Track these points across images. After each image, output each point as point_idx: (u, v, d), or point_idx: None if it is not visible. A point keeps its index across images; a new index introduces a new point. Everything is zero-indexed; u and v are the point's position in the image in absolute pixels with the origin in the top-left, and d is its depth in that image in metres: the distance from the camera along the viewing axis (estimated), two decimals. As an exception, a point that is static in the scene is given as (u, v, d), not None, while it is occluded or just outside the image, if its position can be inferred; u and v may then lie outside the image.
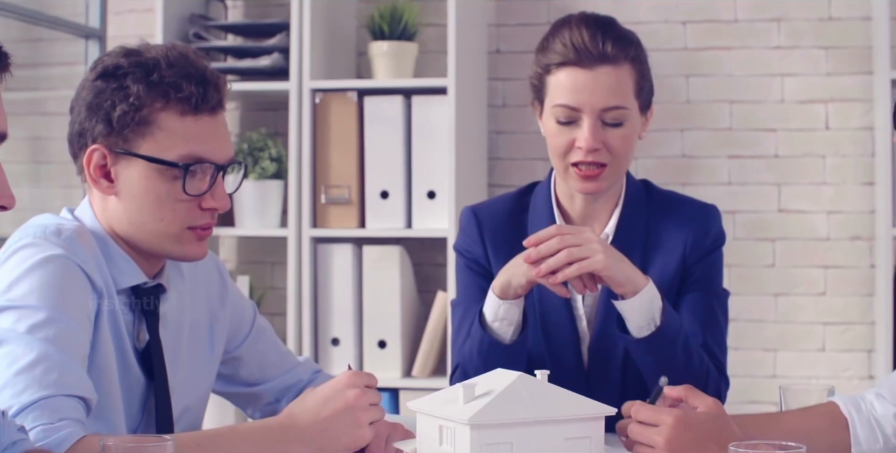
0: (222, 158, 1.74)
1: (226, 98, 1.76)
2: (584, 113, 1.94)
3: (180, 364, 1.84)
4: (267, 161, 3.42)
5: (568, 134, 1.96)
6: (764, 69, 3.48)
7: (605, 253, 1.85)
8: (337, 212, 3.33)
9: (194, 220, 1.74)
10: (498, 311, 1.95)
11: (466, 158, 3.37)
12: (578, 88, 1.94)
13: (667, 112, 3.46)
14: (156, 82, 1.70)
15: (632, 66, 1.96)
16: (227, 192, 1.77)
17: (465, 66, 3.35)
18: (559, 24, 2.02)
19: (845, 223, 3.43)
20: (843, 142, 3.44)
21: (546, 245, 1.86)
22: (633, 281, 1.87)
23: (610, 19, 2.02)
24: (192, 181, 1.71)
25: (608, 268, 1.85)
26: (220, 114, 1.75)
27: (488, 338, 1.94)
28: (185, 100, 1.70)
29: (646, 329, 1.88)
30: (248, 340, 2.00)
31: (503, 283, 1.93)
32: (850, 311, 3.42)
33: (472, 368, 1.96)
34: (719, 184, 3.49)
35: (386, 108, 3.32)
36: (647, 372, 1.93)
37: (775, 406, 3.31)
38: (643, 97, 2.00)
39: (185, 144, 1.70)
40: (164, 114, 1.69)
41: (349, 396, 1.55)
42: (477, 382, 1.54)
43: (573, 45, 1.94)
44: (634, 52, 1.98)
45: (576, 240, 1.86)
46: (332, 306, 3.35)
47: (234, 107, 3.78)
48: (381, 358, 3.31)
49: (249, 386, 2.01)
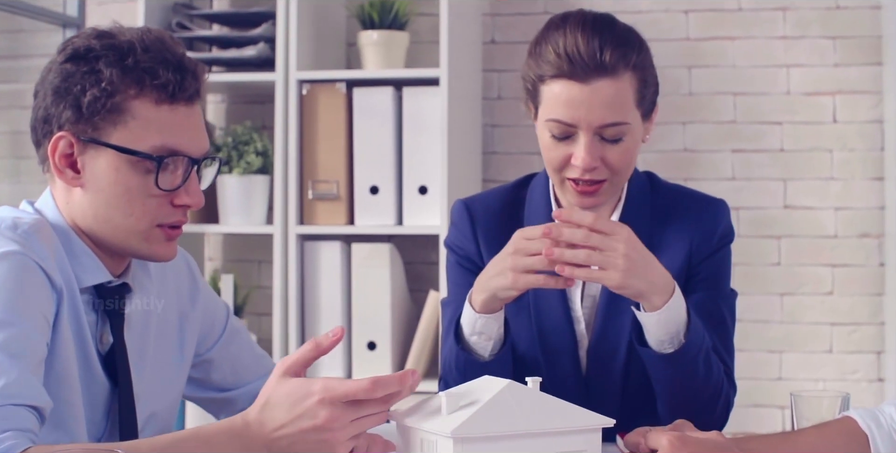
0: (198, 151, 1.65)
1: (203, 87, 1.67)
2: (581, 129, 1.81)
3: (147, 368, 1.74)
4: (252, 155, 3.34)
5: (563, 149, 1.83)
6: (769, 60, 3.44)
7: (626, 270, 1.71)
8: (324, 209, 3.26)
9: (165, 217, 1.65)
10: (475, 325, 1.84)
11: (460, 152, 3.29)
12: (573, 104, 1.79)
13: (668, 104, 3.42)
14: (130, 67, 1.60)
15: (633, 75, 1.81)
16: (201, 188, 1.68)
17: (459, 56, 3.28)
18: (553, 25, 1.85)
19: (853, 220, 3.38)
20: (852, 136, 3.39)
21: (571, 233, 1.72)
22: (651, 298, 1.74)
23: (608, 20, 1.85)
24: (164, 175, 1.62)
25: (622, 287, 1.73)
26: (196, 104, 1.66)
27: (464, 355, 1.85)
28: (161, 87, 1.61)
29: (667, 343, 1.78)
30: (220, 342, 1.91)
31: (487, 299, 1.81)
32: (859, 311, 3.38)
33: (451, 381, 1.87)
34: (722, 179, 3.44)
35: (376, 99, 3.25)
36: (662, 385, 1.83)
37: (780, 409, 3.43)
38: (645, 105, 1.85)
39: (159, 135, 1.61)
40: (137, 102, 1.60)
41: (320, 418, 1.40)
42: (462, 390, 1.42)
43: (567, 55, 1.78)
44: (636, 57, 1.82)
45: (602, 244, 1.71)
46: (320, 306, 3.28)
47: (220, 100, 3.71)
48: (370, 360, 3.24)
49: (222, 392, 1.92)
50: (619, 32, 1.82)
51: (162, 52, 1.62)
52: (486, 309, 1.82)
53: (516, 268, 1.75)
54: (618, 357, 1.91)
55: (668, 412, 1.84)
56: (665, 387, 1.82)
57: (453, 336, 1.85)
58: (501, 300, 1.80)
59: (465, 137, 3.35)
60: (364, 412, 1.40)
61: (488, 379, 1.45)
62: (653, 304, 1.75)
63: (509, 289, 1.77)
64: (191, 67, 1.64)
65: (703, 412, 1.84)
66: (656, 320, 1.75)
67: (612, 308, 1.90)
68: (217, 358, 1.90)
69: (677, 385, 1.80)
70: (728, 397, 1.91)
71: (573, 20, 1.83)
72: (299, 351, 1.46)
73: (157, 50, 1.62)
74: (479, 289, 1.81)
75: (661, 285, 1.74)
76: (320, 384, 1.40)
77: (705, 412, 1.85)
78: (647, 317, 1.76)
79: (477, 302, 1.82)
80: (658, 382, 1.82)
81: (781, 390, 3.37)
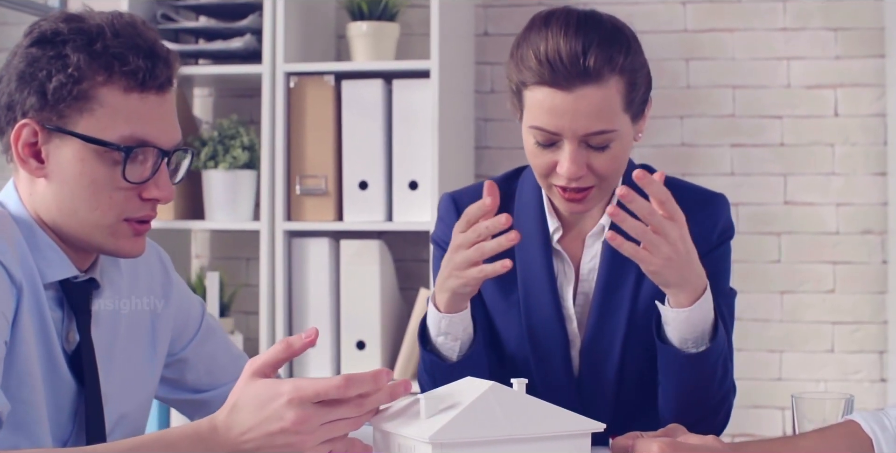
0: (168, 143, 1.59)
1: (175, 76, 1.61)
2: (565, 137, 1.72)
3: (116, 367, 1.67)
4: (238, 150, 3.27)
5: (548, 156, 1.74)
6: (769, 52, 3.39)
7: (669, 258, 1.64)
8: (312, 204, 3.20)
9: (132, 211, 1.58)
10: (440, 326, 1.78)
11: (451, 147, 3.24)
12: (556, 112, 1.70)
13: (666, 98, 3.38)
14: (99, 52, 1.54)
15: (620, 78, 1.71)
16: (171, 182, 1.61)
17: (450, 48, 3.22)
18: (535, 26, 1.75)
19: (856, 216, 3.34)
20: (854, 130, 3.35)
21: (640, 204, 1.63)
22: (679, 294, 1.68)
23: (594, 19, 1.74)
24: (133, 166, 1.56)
25: (657, 274, 1.66)
26: (168, 93, 1.60)
27: (429, 358, 1.79)
28: (131, 74, 1.54)
29: (691, 342, 1.72)
30: (195, 341, 1.85)
31: (449, 298, 1.74)
32: (861, 310, 3.34)
33: (425, 385, 1.82)
34: (721, 174, 3.40)
35: (365, 92, 3.20)
36: (674, 386, 1.76)
37: (780, 410, 3.38)
38: (634, 107, 1.76)
39: (128, 124, 1.55)
40: (106, 89, 1.54)
41: (287, 420, 1.32)
42: (442, 393, 1.34)
43: (549, 60, 1.69)
44: (623, 59, 1.71)
45: (660, 226, 1.64)
46: (308, 304, 3.22)
47: (207, 93, 3.66)
48: (359, 359, 3.18)
49: (197, 393, 1.86)
50: (606, 33, 1.72)
51: (133, 37, 1.56)
52: (451, 308, 1.76)
53: (459, 266, 1.69)
54: (611, 357, 1.85)
55: (672, 413, 1.78)
56: (678, 388, 1.76)
57: (418, 338, 1.80)
58: (463, 296, 1.74)
59: (456, 131, 3.30)
60: (336, 414, 1.33)
61: (470, 381, 1.37)
62: (678, 300, 1.69)
63: (464, 287, 1.71)
64: (163, 54, 1.58)
65: (709, 416, 1.80)
66: (686, 317, 1.69)
67: (606, 306, 1.84)
68: (191, 358, 1.85)
69: (692, 387, 1.75)
70: (731, 402, 1.86)
71: (556, 20, 1.73)
72: (269, 351, 1.39)
73: (127, 35, 1.56)
74: (439, 289, 1.75)
75: (693, 282, 1.68)
76: (290, 384, 1.33)
77: (710, 416, 1.80)
78: (674, 312, 1.70)
79: (440, 302, 1.76)
80: (671, 382, 1.76)
81: (781, 391, 3.34)
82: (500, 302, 1.87)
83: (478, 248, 1.67)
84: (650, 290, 1.81)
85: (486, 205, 1.68)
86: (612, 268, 1.84)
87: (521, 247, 1.85)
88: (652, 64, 1.83)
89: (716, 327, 1.72)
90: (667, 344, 1.73)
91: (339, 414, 1.33)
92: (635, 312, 1.83)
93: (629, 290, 1.84)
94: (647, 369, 1.82)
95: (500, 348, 1.89)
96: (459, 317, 1.76)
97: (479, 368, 1.80)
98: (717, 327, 1.72)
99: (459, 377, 1.70)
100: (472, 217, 1.69)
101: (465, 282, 1.69)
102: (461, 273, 1.69)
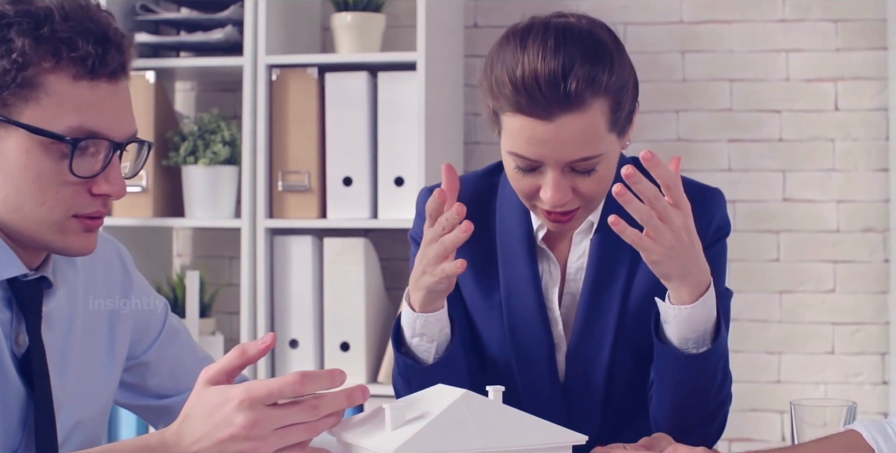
0: (121, 134, 1.50)
1: (130, 62, 1.52)
2: (547, 165, 1.62)
3: (70, 372, 1.59)
4: (219, 145, 3.21)
5: (530, 180, 1.64)
6: (767, 44, 3.36)
7: (671, 247, 1.56)
8: (295, 201, 3.15)
9: (81, 207, 1.50)
10: (415, 326, 1.70)
11: (439, 142, 3.17)
12: (536, 141, 1.59)
13: (661, 91, 3.34)
14: (46, 37, 1.45)
15: (604, 100, 1.59)
16: (123, 176, 1.53)
17: (438, 40, 3.16)
18: (510, 43, 1.61)
19: (857, 213, 3.31)
20: (855, 125, 3.32)
21: (646, 187, 1.54)
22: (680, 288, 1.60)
23: (574, 34, 1.60)
24: (81, 160, 1.47)
25: (657, 263, 1.57)
26: (121, 81, 1.51)
27: (403, 360, 1.71)
28: (80, 60, 1.46)
29: (692, 342, 1.63)
30: (157, 343, 1.77)
31: (424, 297, 1.66)
32: (862, 310, 3.30)
33: (400, 389, 1.75)
34: (718, 170, 3.36)
35: (349, 85, 3.14)
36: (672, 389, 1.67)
37: (779, 414, 3.32)
38: (621, 124, 1.64)
39: (77, 115, 1.46)
40: (53, 77, 1.45)
41: (237, 424, 1.24)
42: (409, 402, 1.24)
43: (525, 88, 1.56)
44: (608, 78, 1.59)
45: (665, 212, 1.56)
46: (290, 304, 3.17)
47: (189, 87, 3.60)
48: (343, 361, 3.12)
49: (160, 398, 1.78)
50: (587, 50, 1.59)
51: (83, 21, 1.47)
52: (426, 307, 1.67)
53: (430, 262, 1.61)
54: (599, 362, 1.76)
55: (666, 419, 1.70)
56: (675, 392, 1.67)
57: (391, 339, 1.72)
58: (438, 294, 1.66)
59: (444, 126, 3.23)
60: (290, 418, 1.25)
61: (441, 389, 1.27)
62: (680, 296, 1.60)
63: (438, 284, 1.63)
64: (115, 39, 1.49)
65: (705, 423, 1.71)
66: (687, 315, 1.61)
67: (594, 308, 1.74)
68: (154, 361, 1.77)
69: (690, 390, 1.66)
70: (727, 409, 1.78)
71: (532, 38, 1.60)
72: (223, 358, 1.32)
73: (78, 18, 1.47)
74: (414, 287, 1.67)
75: (696, 277, 1.60)
76: (241, 387, 1.25)
77: (707, 423, 1.72)
78: (675, 310, 1.61)
79: (415, 301, 1.68)
80: (667, 385, 1.67)
81: (780, 394, 3.30)
82: (481, 302, 1.79)
83: (441, 242, 1.60)
84: (641, 291, 1.73)
85: (437, 197, 1.61)
86: (600, 267, 1.75)
87: (503, 245, 1.78)
88: (647, 56, 1.74)
89: (718, 327, 1.64)
90: (666, 343, 1.64)
91: (294, 418, 1.25)
92: (625, 314, 1.75)
93: (619, 291, 1.75)
94: (638, 374, 1.74)
95: (482, 351, 1.81)
96: (435, 317, 1.68)
97: (458, 372, 1.72)
98: (719, 327, 1.64)
99: (436, 381, 1.63)
100: (433, 211, 1.62)
101: (438, 279, 1.62)
102: (433, 269, 1.62)
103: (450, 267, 1.59)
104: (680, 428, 1.67)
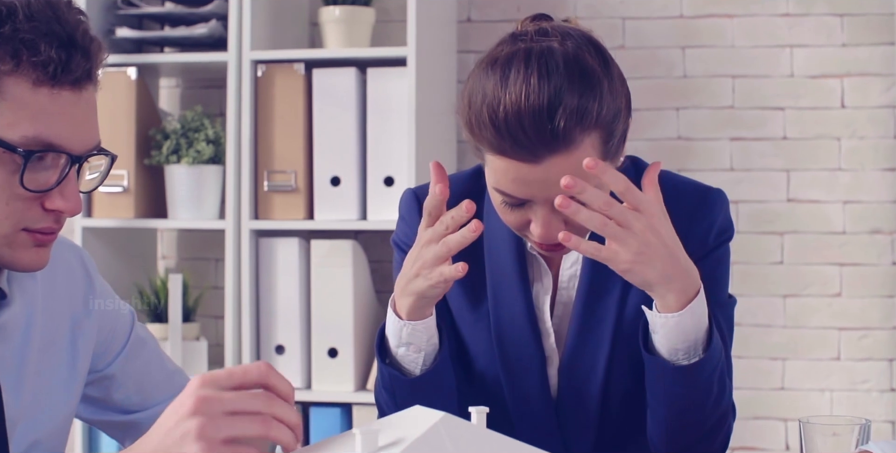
0: (80, 147, 1.41)
1: (98, 69, 1.42)
2: (536, 203, 1.53)
3: (26, 388, 1.50)
4: (203, 143, 3.15)
5: (519, 214, 1.55)
6: (771, 39, 3.31)
7: (639, 253, 1.47)
8: (281, 202, 3.10)
9: (32, 222, 1.41)
10: (401, 335, 1.61)
11: (430, 140, 3.11)
12: (523, 182, 1.51)
13: (661, 88, 3.30)
14: (6, 37, 1.35)
15: (595, 134, 1.49)
16: (80, 191, 1.43)
17: (429, 35, 3.09)
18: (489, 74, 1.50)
19: (864, 214, 3.27)
20: (862, 122, 3.27)
21: (592, 194, 1.45)
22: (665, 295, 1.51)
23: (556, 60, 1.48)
24: (35, 172, 1.38)
25: (628, 272, 1.49)
26: (86, 89, 1.41)
27: (388, 371, 1.62)
28: (41, 66, 1.36)
29: (683, 353, 1.54)
30: (123, 354, 1.68)
31: (413, 303, 1.57)
32: (869, 315, 3.26)
33: (383, 404, 1.66)
34: (720, 170, 3.32)
35: (337, 81, 3.08)
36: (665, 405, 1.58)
37: (783, 422, 3.24)
38: (614, 150, 1.54)
39: (33, 124, 1.36)
40: (11, 81, 1.35)
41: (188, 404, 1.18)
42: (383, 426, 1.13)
43: (509, 131, 1.46)
44: (597, 107, 1.48)
45: (622, 217, 1.46)
46: (276, 309, 3.11)
47: (174, 84, 3.53)
48: (331, 368, 3.06)
49: (127, 414, 1.70)
50: (574, 80, 1.48)
51: (49, 21, 1.37)
52: (414, 315, 1.58)
53: (427, 263, 1.53)
54: (595, 376, 1.66)
55: (663, 437, 1.61)
56: (668, 407, 1.58)
57: (375, 349, 1.63)
58: (429, 300, 1.57)
59: (436, 124, 3.17)
60: (243, 403, 1.18)
61: (418, 412, 1.16)
62: (666, 303, 1.51)
63: (432, 289, 1.54)
64: (83, 44, 1.39)
65: (704, 441, 1.62)
66: (675, 323, 1.51)
67: (588, 318, 1.65)
68: (119, 374, 1.68)
69: (684, 405, 1.57)
70: (730, 425, 1.68)
71: (515, 70, 1.48)
72: None
73: (43, 19, 1.37)
74: (401, 293, 1.58)
75: (678, 281, 1.50)
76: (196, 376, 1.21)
77: (705, 441, 1.62)
78: (662, 318, 1.52)
79: (402, 307, 1.59)
80: (660, 401, 1.58)
81: (784, 401, 3.24)
82: (467, 313, 1.70)
83: (444, 243, 1.51)
84: (639, 300, 1.63)
85: (438, 194, 1.52)
86: (595, 274, 1.65)
87: (491, 251, 1.68)
88: (646, 52, 1.64)
89: (710, 335, 1.54)
90: (654, 355, 1.55)
91: (246, 404, 1.18)
92: (622, 325, 1.65)
93: (615, 300, 1.65)
94: (636, 389, 1.64)
95: (469, 365, 1.72)
96: (424, 325, 1.59)
97: (445, 385, 1.63)
98: (711, 334, 1.54)
99: (423, 394, 1.55)
100: (433, 209, 1.53)
101: (433, 283, 1.53)
102: (430, 272, 1.52)
103: (449, 270, 1.50)
104: (678, 446, 1.58)
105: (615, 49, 2.54)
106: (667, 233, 1.50)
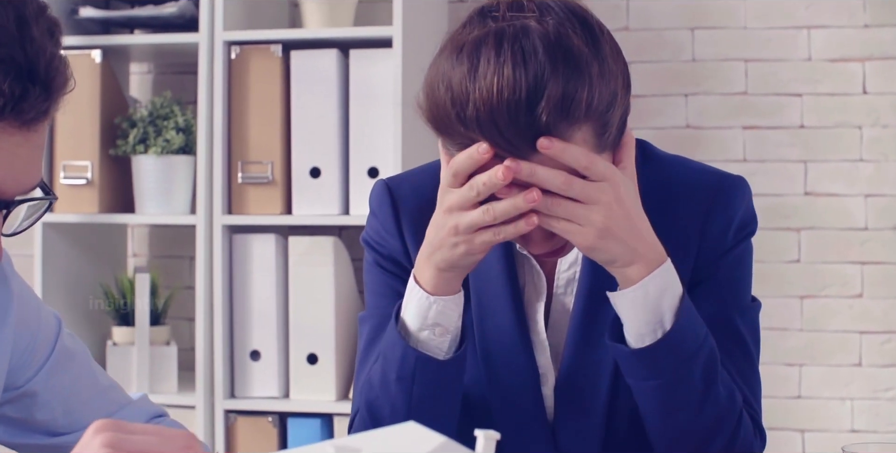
0: (15, 190, 1.25)
1: (57, 105, 1.24)
2: None
3: None
4: (172, 132, 3.01)
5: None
6: (786, 20, 3.24)
7: (604, 228, 1.36)
8: (256, 195, 2.99)
9: None
10: (428, 314, 1.44)
11: (417, 128, 2.88)
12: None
13: (668, 73, 3.23)
14: None
15: (586, 126, 1.34)
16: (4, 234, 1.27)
17: (416, 13, 2.98)
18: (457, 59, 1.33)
19: (887, 209, 3.19)
20: (884, 110, 3.19)
21: (549, 175, 1.32)
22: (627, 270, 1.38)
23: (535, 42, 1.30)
24: None
25: (592, 249, 1.37)
26: (39, 128, 1.24)
27: (414, 354, 1.44)
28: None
29: (649, 336, 1.40)
30: (46, 368, 1.53)
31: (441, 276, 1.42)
32: (893, 317, 3.19)
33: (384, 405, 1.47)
34: (732, 160, 3.24)
35: (317, 64, 2.97)
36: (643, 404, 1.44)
37: (800, 433, 3.10)
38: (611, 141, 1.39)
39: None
40: None
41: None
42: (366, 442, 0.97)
43: (481, 133, 1.31)
44: (587, 94, 1.31)
45: (583, 194, 1.34)
46: (251, 311, 2.99)
47: (145, 70, 3.40)
48: (310, 375, 2.94)
49: (53, 436, 1.56)
50: (557, 65, 1.30)
51: (11, 43, 1.17)
52: (443, 288, 1.43)
53: (465, 230, 1.36)
54: (597, 396, 1.51)
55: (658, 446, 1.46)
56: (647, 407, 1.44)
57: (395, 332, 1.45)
58: (463, 270, 1.42)
59: None
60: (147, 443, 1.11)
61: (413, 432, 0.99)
62: (628, 275, 1.38)
63: (468, 256, 1.40)
64: (45, 78, 1.20)
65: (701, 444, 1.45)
66: (631, 299, 1.38)
67: (588, 329, 1.49)
68: (42, 391, 1.53)
69: (661, 401, 1.41)
70: (748, 441, 1.53)
71: (485, 58, 1.31)
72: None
73: (5, 38, 1.17)
74: (426, 264, 1.43)
75: (644, 254, 1.38)
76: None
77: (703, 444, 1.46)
78: (622, 296, 1.39)
79: (428, 279, 1.43)
80: (639, 400, 1.44)
81: (801, 410, 3.17)
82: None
83: (488, 210, 1.34)
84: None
85: (478, 154, 1.32)
86: (597, 277, 1.49)
87: None
88: (652, 34, 1.48)
89: (681, 308, 1.39)
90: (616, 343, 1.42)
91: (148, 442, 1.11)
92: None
93: None
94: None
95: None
96: (454, 302, 1.43)
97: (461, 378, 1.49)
98: (682, 308, 1.39)
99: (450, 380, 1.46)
100: (462, 169, 1.35)
101: (469, 250, 1.38)
102: (469, 238, 1.37)
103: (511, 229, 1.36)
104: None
105: (618, 31, 2.35)
106: (633, 202, 1.39)
